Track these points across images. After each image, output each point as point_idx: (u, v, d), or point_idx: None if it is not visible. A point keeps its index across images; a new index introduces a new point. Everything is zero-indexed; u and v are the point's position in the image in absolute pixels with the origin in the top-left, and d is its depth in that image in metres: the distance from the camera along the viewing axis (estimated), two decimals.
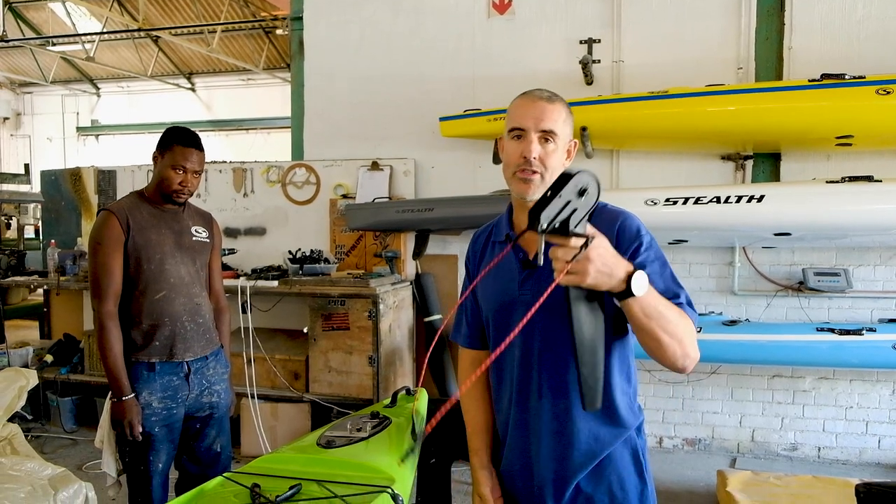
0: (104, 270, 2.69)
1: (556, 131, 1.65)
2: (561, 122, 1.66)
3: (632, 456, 1.70)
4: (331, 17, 5.39)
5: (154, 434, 2.71)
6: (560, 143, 1.66)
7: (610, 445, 1.68)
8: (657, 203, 4.10)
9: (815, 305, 4.54)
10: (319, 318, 4.59)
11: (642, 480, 1.71)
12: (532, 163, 1.64)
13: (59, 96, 17.65)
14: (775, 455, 4.71)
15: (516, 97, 1.73)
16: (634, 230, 1.64)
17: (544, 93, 1.70)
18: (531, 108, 1.67)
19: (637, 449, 1.72)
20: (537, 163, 1.64)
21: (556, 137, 1.65)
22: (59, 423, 5.25)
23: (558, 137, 1.65)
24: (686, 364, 1.56)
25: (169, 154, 2.74)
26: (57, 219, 5.94)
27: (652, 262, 1.61)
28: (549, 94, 1.69)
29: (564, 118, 1.68)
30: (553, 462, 1.68)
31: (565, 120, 1.68)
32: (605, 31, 4.79)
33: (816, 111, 4.02)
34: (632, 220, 1.67)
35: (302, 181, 5.33)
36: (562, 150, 1.68)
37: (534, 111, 1.66)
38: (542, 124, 1.65)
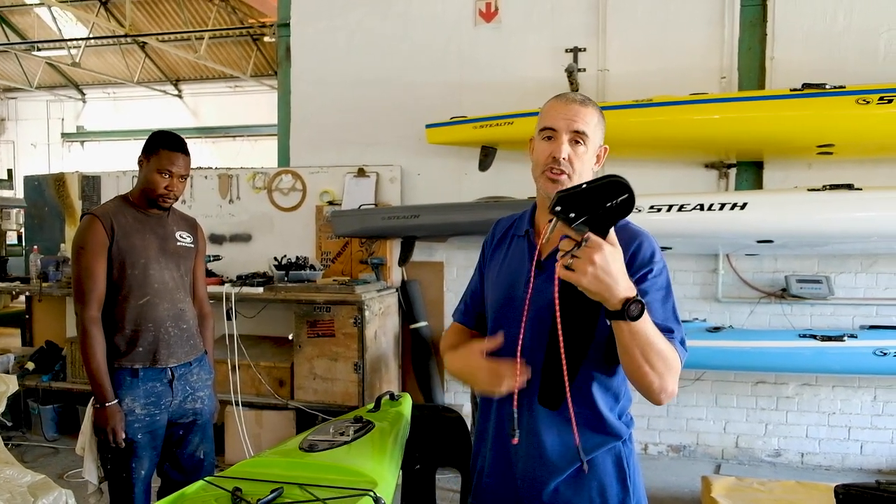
0: (88, 275, 2.67)
1: (587, 133, 1.66)
2: (593, 126, 1.67)
3: (615, 464, 1.70)
4: (318, 23, 5.40)
5: (137, 441, 2.69)
6: (590, 146, 1.67)
7: (591, 452, 1.67)
8: (641, 210, 4.12)
9: (797, 312, 4.59)
10: (305, 324, 4.58)
11: (625, 489, 1.70)
12: (561, 163, 1.65)
13: (45, 102, 17.54)
14: (759, 461, 4.74)
15: (549, 99, 1.75)
16: (649, 254, 1.64)
17: (578, 96, 1.72)
18: (564, 110, 1.68)
19: (622, 457, 1.71)
20: (566, 163, 1.65)
21: (587, 140, 1.66)
22: (40, 431, 5.18)
23: (589, 140, 1.66)
24: (661, 398, 1.56)
25: (154, 158, 2.73)
26: (40, 225, 5.89)
27: (657, 290, 1.62)
28: (583, 98, 1.71)
29: (597, 122, 1.69)
30: (531, 463, 1.68)
31: (597, 124, 1.69)
32: (591, 39, 4.83)
33: (798, 120, 4.07)
34: (649, 244, 1.67)
35: (288, 188, 5.32)
36: (591, 154, 1.68)
37: (566, 112, 1.67)
38: (574, 125, 1.66)
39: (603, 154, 1.73)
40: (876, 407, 4.56)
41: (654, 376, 1.51)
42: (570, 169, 1.65)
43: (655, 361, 1.49)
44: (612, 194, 1.35)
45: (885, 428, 4.56)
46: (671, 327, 1.58)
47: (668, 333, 1.56)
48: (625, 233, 1.65)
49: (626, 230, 1.67)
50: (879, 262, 4.46)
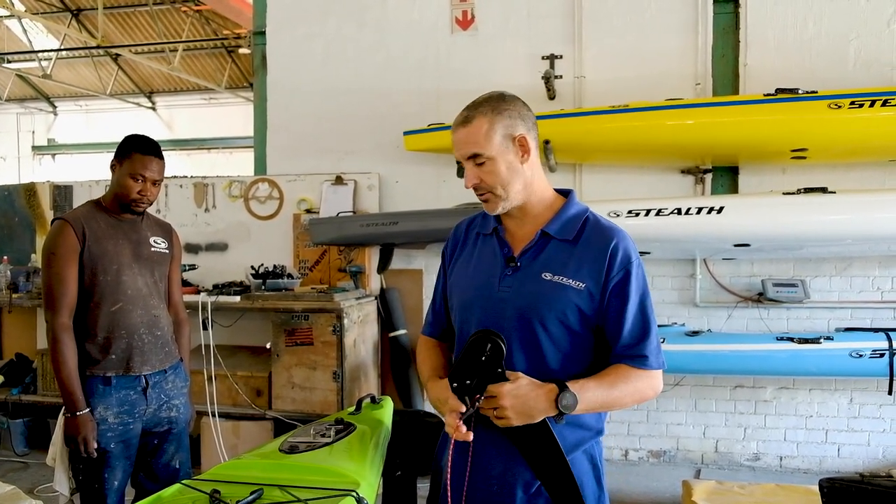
0: (58, 281, 2.61)
1: (479, 152, 1.64)
2: (482, 138, 1.64)
3: (590, 462, 1.72)
4: (294, 31, 5.37)
5: (109, 450, 2.62)
6: (495, 156, 1.64)
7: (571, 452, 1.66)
8: (620, 215, 4.14)
9: (774, 316, 4.62)
10: (283, 333, 4.52)
11: (599, 487, 1.73)
12: (478, 188, 1.69)
13: (14, 115, 17.26)
14: (738, 465, 4.75)
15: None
16: (627, 257, 1.66)
17: (462, 115, 1.69)
18: (454, 140, 1.70)
19: (594, 456, 1.73)
20: (482, 187, 1.68)
21: (484, 155, 1.64)
22: (9, 446, 5.05)
23: (486, 154, 1.64)
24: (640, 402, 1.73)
25: (127, 162, 2.68)
26: (10, 235, 5.77)
27: (626, 300, 1.65)
28: (467, 115, 1.68)
29: (487, 130, 1.64)
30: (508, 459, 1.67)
31: (488, 131, 1.64)
32: (567, 47, 4.86)
33: (772, 125, 4.12)
34: (626, 244, 1.68)
35: (265, 196, 5.27)
36: (501, 161, 1.65)
37: (456, 142, 1.69)
38: (464, 152, 1.67)
39: (527, 142, 1.68)
40: (852, 409, 4.60)
41: (626, 404, 1.68)
42: (487, 188, 1.68)
43: (619, 405, 1.65)
44: (480, 350, 1.55)
45: (861, 430, 4.60)
46: (640, 337, 1.65)
47: (636, 345, 1.64)
48: (598, 231, 1.69)
49: (600, 230, 1.71)
50: (854, 265, 4.52)
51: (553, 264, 1.68)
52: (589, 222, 1.72)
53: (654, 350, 1.65)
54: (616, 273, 1.64)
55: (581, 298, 1.64)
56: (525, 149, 1.67)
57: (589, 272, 1.65)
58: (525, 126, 1.68)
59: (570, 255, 1.68)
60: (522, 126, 1.67)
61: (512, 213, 1.74)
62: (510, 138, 1.66)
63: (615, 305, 1.64)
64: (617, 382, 1.63)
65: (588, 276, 1.65)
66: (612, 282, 1.64)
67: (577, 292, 1.64)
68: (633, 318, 1.64)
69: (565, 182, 4.84)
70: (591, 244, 1.67)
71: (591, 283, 1.65)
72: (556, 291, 1.66)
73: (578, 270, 1.66)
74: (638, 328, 1.65)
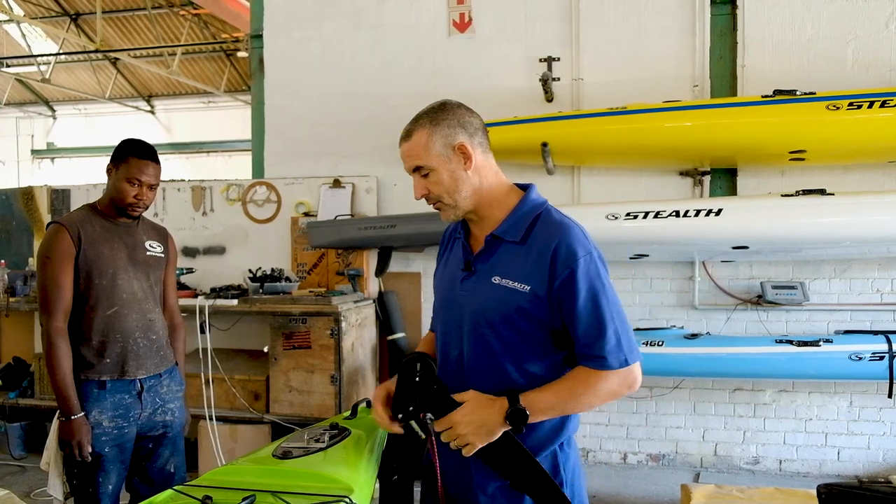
0: (53, 285, 2.60)
1: (421, 164, 1.69)
2: (422, 151, 1.68)
3: (551, 468, 1.70)
4: (291, 34, 5.36)
5: (104, 454, 2.61)
6: (436, 166, 1.68)
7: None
8: (618, 217, 4.13)
9: (773, 318, 4.61)
10: (280, 337, 4.50)
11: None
12: (427, 199, 1.74)
13: (14, 119, 17.30)
14: (738, 469, 4.73)
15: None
16: (571, 254, 1.62)
17: (405, 129, 1.73)
18: (400, 153, 1.74)
19: (558, 463, 1.72)
20: (430, 197, 1.73)
21: (426, 167, 1.69)
22: (6, 449, 5.04)
23: (428, 165, 1.69)
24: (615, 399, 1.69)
25: (124, 166, 2.67)
26: (8, 239, 5.76)
27: (577, 295, 1.60)
28: (408, 129, 1.72)
29: (425, 143, 1.68)
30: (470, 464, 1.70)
31: (427, 143, 1.68)
32: (565, 49, 4.85)
33: (770, 126, 4.11)
34: (570, 241, 1.64)
35: (263, 199, 5.26)
36: (443, 170, 1.69)
37: (401, 155, 1.74)
38: (408, 164, 1.72)
39: (468, 149, 1.69)
40: (852, 412, 4.58)
41: (598, 404, 1.67)
42: (435, 198, 1.72)
43: (584, 407, 1.64)
44: (412, 373, 1.61)
45: (861, 433, 4.58)
46: (598, 332, 1.61)
47: (595, 342, 1.60)
48: (545, 232, 1.68)
49: (546, 228, 1.68)
50: (853, 267, 4.51)
51: (502, 267, 1.69)
52: (539, 220, 1.70)
53: (614, 349, 1.59)
54: (560, 272, 1.61)
55: (527, 301, 1.64)
56: (467, 156, 1.69)
57: (534, 274, 1.64)
58: (466, 133, 1.70)
59: (519, 257, 1.68)
60: (463, 134, 1.70)
61: (472, 218, 1.78)
62: (450, 147, 1.69)
63: (566, 306, 1.62)
64: (575, 388, 1.62)
65: (533, 277, 1.64)
66: (557, 282, 1.61)
67: (522, 295, 1.64)
68: (586, 317, 1.61)
69: (563, 184, 4.83)
70: (536, 244, 1.66)
71: (537, 284, 1.63)
72: (504, 295, 1.66)
73: (525, 273, 1.65)
74: (591, 327, 1.61)
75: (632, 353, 1.62)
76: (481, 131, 1.75)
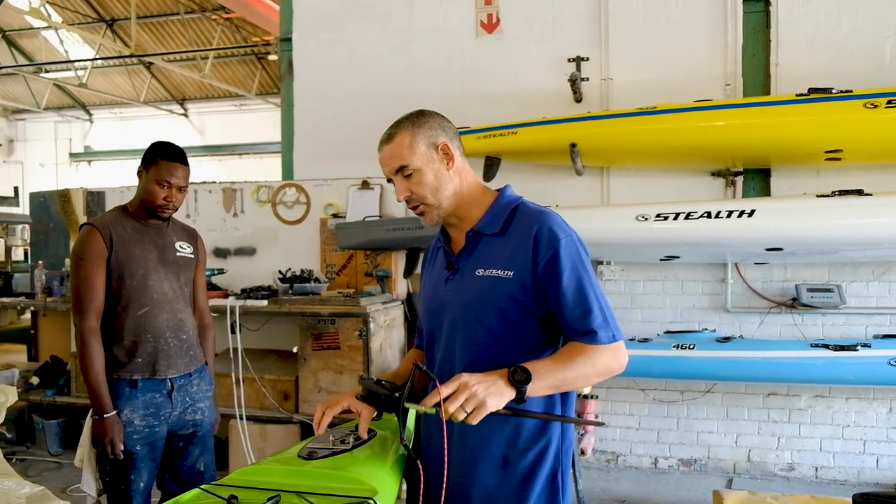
0: (86, 285, 2.64)
1: (404, 164, 1.71)
2: (406, 151, 1.70)
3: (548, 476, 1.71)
4: (319, 37, 5.41)
5: (136, 452, 2.65)
6: (421, 166, 1.70)
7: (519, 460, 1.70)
8: (648, 219, 4.08)
9: (808, 322, 4.51)
10: (309, 337, 4.53)
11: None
12: (410, 201, 1.75)
13: (52, 123, 17.70)
14: (772, 475, 4.64)
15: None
16: (552, 236, 1.65)
17: (385, 133, 1.75)
18: (380, 158, 1.75)
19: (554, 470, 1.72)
20: (413, 199, 1.74)
21: (410, 168, 1.70)
22: (44, 446, 5.16)
23: (411, 166, 1.70)
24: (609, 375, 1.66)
25: (153, 169, 2.71)
26: (45, 240, 5.89)
27: (559, 277, 1.63)
28: (390, 132, 1.74)
29: (409, 143, 1.71)
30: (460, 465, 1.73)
31: (411, 143, 1.71)
32: (594, 49, 4.81)
33: (805, 125, 4.02)
34: (551, 223, 1.68)
35: (292, 201, 5.30)
36: (427, 170, 1.71)
37: (381, 159, 1.75)
38: (391, 166, 1.73)
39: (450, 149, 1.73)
40: (892, 419, 4.46)
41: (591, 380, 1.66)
42: (419, 200, 1.73)
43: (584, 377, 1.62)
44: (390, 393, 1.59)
45: None
46: (585, 308, 1.63)
47: (584, 317, 1.62)
48: (525, 220, 1.71)
49: (525, 216, 1.72)
50: (892, 269, 4.39)
51: (485, 259, 1.72)
52: (517, 211, 1.74)
53: (602, 324, 1.62)
54: (543, 254, 1.64)
55: (513, 287, 1.66)
56: (449, 156, 1.74)
57: (518, 259, 1.67)
58: (447, 135, 1.75)
59: (500, 247, 1.71)
60: (444, 135, 1.74)
61: (451, 222, 1.80)
62: (433, 147, 1.72)
63: (551, 287, 1.64)
64: (574, 357, 1.61)
65: (517, 263, 1.66)
66: (541, 264, 1.64)
67: (507, 282, 1.67)
68: (572, 295, 1.63)
69: (592, 185, 4.79)
70: (518, 231, 1.69)
71: (521, 269, 1.66)
72: (490, 285, 1.69)
73: (508, 260, 1.68)
74: (578, 305, 1.63)
75: (618, 331, 1.65)
76: (458, 137, 1.80)
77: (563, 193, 4.74)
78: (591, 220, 4.34)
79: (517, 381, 1.52)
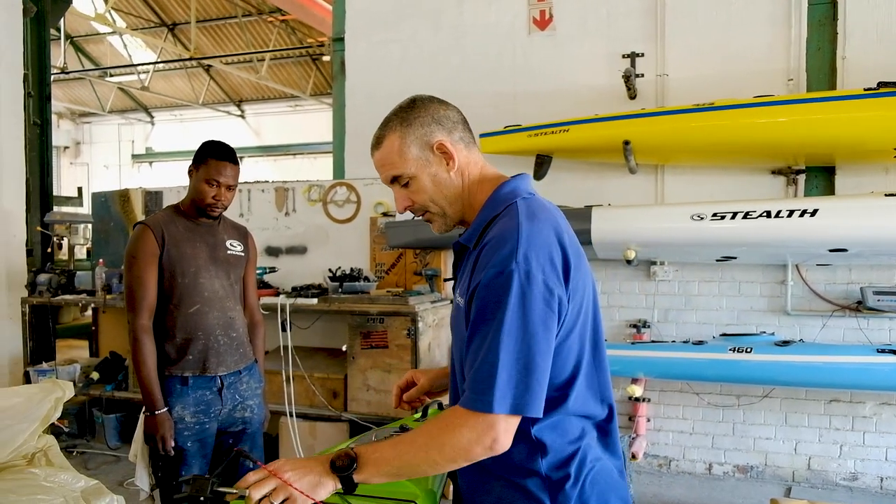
0: (139, 284, 2.69)
1: (398, 173, 1.50)
2: (397, 157, 1.48)
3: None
4: (371, 37, 5.42)
5: (186, 448, 2.69)
6: (416, 172, 1.48)
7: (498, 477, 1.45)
8: (704, 218, 3.97)
9: (874, 326, 4.31)
10: (358, 336, 4.55)
11: None
12: (413, 211, 1.55)
13: (116, 125, 18.32)
14: (833, 484, 4.45)
15: None
16: (486, 262, 1.34)
17: (375, 136, 1.54)
18: (374, 163, 1.55)
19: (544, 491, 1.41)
20: (416, 209, 1.54)
21: (405, 176, 1.50)
22: (103, 439, 5.31)
23: (405, 174, 1.49)
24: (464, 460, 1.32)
25: (203, 168, 2.75)
26: (106, 239, 6.07)
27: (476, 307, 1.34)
28: (378, 135, 1.53)
29: (399, 147, 1.48)
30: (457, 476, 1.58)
31: (401, 148, 1.48)
32: (649, 44, 4.70)
33: (873, 121, 3.84)
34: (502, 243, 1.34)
35: (343, 200, 5.33)
36: (423, 176, 1.49)
37: (375, 166, 1.54)
38: (384, 176, 1.53)
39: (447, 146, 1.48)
40: None
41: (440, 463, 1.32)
42: (421, 210, 1.54)
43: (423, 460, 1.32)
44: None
45: None
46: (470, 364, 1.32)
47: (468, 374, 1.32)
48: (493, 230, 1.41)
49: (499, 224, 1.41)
50: None
51: (462, 280, 1.49)
52: (499, 217, 1.43)
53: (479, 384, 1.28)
54: (475, 281, 1.36)
55: (465, 321, 1.40)
56: (448, 155, 1.49)
57: (469, 286, 1.41)
58: (444, 129, 1.49)
59: (472, 266, 1.43)
60: (440, 131, 1.49)
61: (467, 225, 1.55)
62: (428, 147, 1.48)
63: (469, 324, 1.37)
64: (421, 433, 1.33)
65: (468, 291, 1.40)
66: (470, 293, 1.38)
67: (461, 311, 1.44)
68: (471, 341, 1.34)
69: (647, 184, 4.68)
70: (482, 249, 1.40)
71: (468, 299, 1.40)
72: (458, 315, 1.47)
73: (467, 285, 1.42)
74: (471, 353, 1.33)
75: (504, 401, 1.27)
76: (461, 124, 1.53)
77: (615, 192, 4.65)
78: (644, 219, 4.25)
79: (337, 469, 1.33)
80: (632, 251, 4.18)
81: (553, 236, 1.39)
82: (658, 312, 4.73)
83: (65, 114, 18.23)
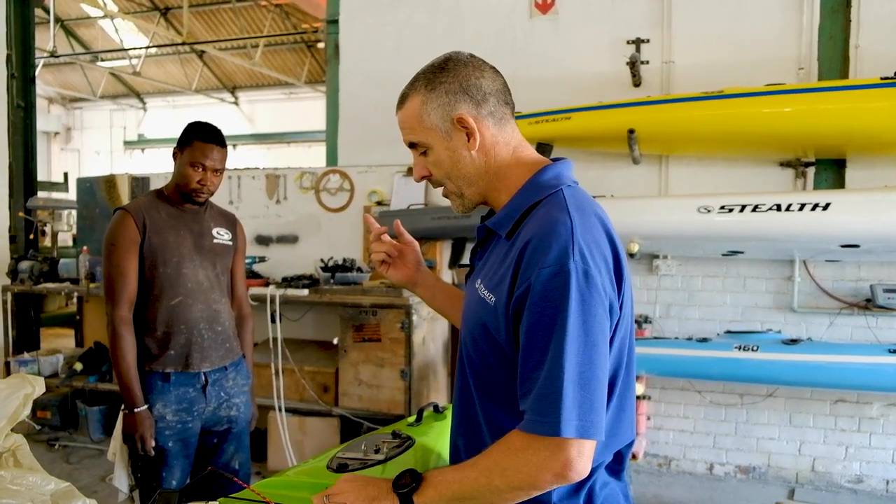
0: (118, 273, 2.54)
1: (414, 140, 1.36)
2: (416, 122, 1.34)
3: None
4: (367, 19, 5.24)
5: (167, 449, 2.54)
6: (432, 143, 1.34)
7: None
8: (711, 210, 3.83)
9: (884, 325, 4.19)
10: (350, 328, 4.40)
11: None
12: (432, 182, 1.40)
13: (108, 111, 18.07)
14: (838, 487, 4.34)
15: None
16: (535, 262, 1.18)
17: (401, 93, 1.39)
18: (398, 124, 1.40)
19: None
20: (433, 181, 1.40)
21: (423, 144, 1.35)
22: (86, 432, 5.15)
23: (423, 142, 1.35)
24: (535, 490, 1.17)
25: (188, 150, 2.58)
26: (91, 226, 5.87)
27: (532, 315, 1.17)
28: (404, 92, 1.38)
29: (418, 112, 1.33)
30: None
31: (420, 113, 1.33)
32: (655, 30, 4.54)
33: (886, 112, 3.70)
34: (549, 240, 1.18)
35: (336, 188, 5.17)
36: (440, 148, 1.33)
37: (399, 126, 1.39)
38: (405, 139, 1.39)
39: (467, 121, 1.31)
40: None
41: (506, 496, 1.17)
42: (439, 183, 1.40)
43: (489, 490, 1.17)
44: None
45: None
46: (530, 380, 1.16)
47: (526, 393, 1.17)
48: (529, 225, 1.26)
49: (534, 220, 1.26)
50: None
51: (487, 269, 1.34)
52: (538, 207, 1.27)
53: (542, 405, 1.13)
54: (520, 283, 1.19)
55: (491, 317, 1.27)
56: (470, 131, 1.31)
57: (504, 282, 1.24)
58: (471, 101, 1.32)
59: (503, 257, 1.29)
60: (466, 102, 1.31)
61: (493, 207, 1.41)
62: (448, 120, 1.32)
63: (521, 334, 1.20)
64: (484, 458, 1.20)
65: (501, 288, 1.25)
66: (514, 297, 1.20)
67: (487, 309, 1.28)
68: (527, 353, 1.17)
69: (650, 175, 4.53)
70: (519, 241, 1.24)
71: (503, 296, 1.24)
72: (476, 307, 1.32)
73: (498, 279, 1.27)
74: (530, 369, 1.16)
75: (570, 423, 1.11)
76: (494, 96, 1.34)
77: (618, 182, 4.49)
78: (648, 211, 4.10)
79: (398, 487, 1.24)
80: (635, 244, 4.03)
81: (604, 234, 1.25)
82: (660, 308, 4.60)
83: (56, 99, 17.95)
